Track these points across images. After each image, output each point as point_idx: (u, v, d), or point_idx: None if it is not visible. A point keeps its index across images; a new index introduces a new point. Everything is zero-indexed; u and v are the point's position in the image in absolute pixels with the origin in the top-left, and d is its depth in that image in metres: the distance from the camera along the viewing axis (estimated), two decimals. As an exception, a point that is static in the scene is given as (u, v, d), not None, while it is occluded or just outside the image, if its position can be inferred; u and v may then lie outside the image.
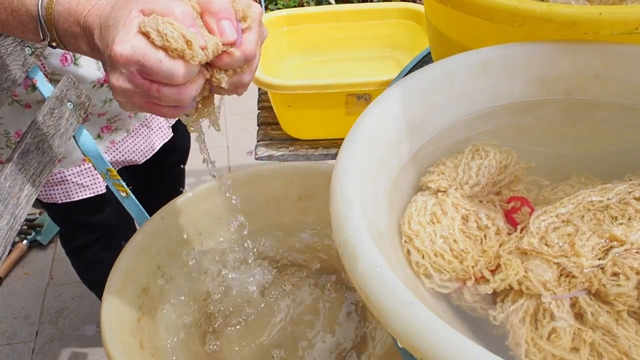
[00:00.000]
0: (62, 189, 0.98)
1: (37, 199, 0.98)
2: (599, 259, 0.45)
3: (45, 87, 0.81)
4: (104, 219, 1.12)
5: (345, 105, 1.22)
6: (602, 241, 0.46)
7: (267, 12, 1.47)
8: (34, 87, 0.83)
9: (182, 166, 1.32)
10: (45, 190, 0.98)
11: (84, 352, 1.46)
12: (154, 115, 1.06)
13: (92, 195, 1.01)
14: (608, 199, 0.50)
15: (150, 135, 1.06)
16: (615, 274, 0.44)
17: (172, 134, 1.11)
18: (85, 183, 0.99)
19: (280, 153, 1.26)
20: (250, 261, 0.97)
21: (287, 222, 0.99)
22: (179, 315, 0.88)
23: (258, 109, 1.41)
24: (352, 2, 2.34)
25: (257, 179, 0.97)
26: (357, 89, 1.19)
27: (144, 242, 0.87)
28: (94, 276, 1.23)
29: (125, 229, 1.19)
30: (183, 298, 0.90)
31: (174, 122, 1.12)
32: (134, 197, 0.96)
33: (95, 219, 1.11)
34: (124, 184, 0.93)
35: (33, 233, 1.74)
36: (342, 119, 1.24)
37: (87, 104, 0.87)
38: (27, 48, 0.76)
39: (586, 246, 0.46)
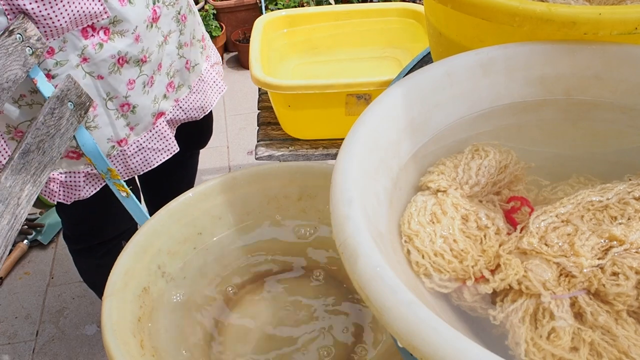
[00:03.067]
0: (140, 158, 0.99)
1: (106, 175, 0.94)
2: (598, 259, 0.46)
3: (45, 87, 0.81)
4: (121, 221, 1.12)
5: (345, 105, 1.22)
6: (602, 241, 0.47)
7: (267, 12, 1.46)
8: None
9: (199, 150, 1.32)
10: (124, 163, 0.98)
11: (85, 351, 1.46)
12: (208, 70, 1.09)
13: (169, 157, 1.03)
14: (608, 199, 0.50)
15: (207, 91, 1.09)
16: (614, 274, 0.44)
17: (225, 88, 1.14)
18: (159, 147, 1.01)
19: (280, 153, 1.26)
20: (249, 260, 0.97)
21: (288, 222, 0.99)
22: (179, 315, 0.88)
23: (258, 109, 1.41)
24: (352, 2, 2.34)
25: (258, 178, 0.98)
26: (357, 89, 1.19)
27: (144, 242, 0.87)
28: (97, 278, 1.23)
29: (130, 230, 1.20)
30: (183, 297, 0.90)
31: (222, 74, 1.15)
32: (134, 197, 0.96)
33: (117, 219, 1.11)
34: (124, 183, 0.94)
35: (34, 233, 1.74)
36: (342, 119, 1.24)
37: (88, 103, 0.87)
38: (28, 48, 0.76)
39: (586, 246, 0.46)
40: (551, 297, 0.44)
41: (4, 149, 0.89)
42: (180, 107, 1.03)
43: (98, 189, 0.98)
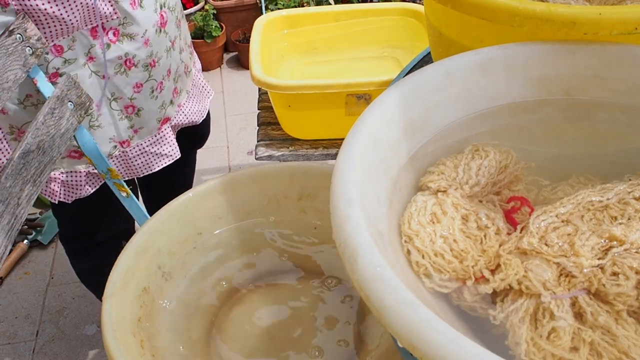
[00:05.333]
0: (142, 161, 1.00)
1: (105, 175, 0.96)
2: (598, 259, 0.46)
3: (45, 87, 0.81)
4: (117, 222, 1.12)
5: (345, 105, 1.23)
6: (602, 241, 0.47)
7: (267, 12, 1.46)
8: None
9: (197, 150, 1.33)
10: (126, 164, 0.99)
11: (85, 351, 1.46)
12: (197, 74, 1.12)
13: (171, 162, 1.04)
14: (608, 199, 0.50)
15: (200, 95, 1.12)
16: (614, 274, 0.44)
17: (213, 93, 1.17)
18: (162, 152, 1.02)
19: (280, 153, 1.26)
20: (249, 260, 0.97)
21: (288, 222, 0.99)
22: (179, 315, 0.88)
23: (258, 109, 1.41)
24: (352, 2, 2.34)
25: (258, 178, 0.98)
26: (357, 89, 1.19)
27: (144, 242, 0.87)
28: (95, 279, 1.22)
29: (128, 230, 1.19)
30: (183, 297, 0.90)
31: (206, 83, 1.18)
32: (134, 197, 0.96)
33: (114, 221, 1.11)
34: (124, 183, 0.94)
35: (33, 233, 1.74)
36: (342, 119, 1.24)
37: (88, 103, 0.87)
38: (28, 48, 0.76)
39: (586, 246, 0.46)
40: (551, 297, 0.44)
41: (6, 149, 0.89)
42: (183, 112, 1.05)
43: (97, 187, 0.99)
